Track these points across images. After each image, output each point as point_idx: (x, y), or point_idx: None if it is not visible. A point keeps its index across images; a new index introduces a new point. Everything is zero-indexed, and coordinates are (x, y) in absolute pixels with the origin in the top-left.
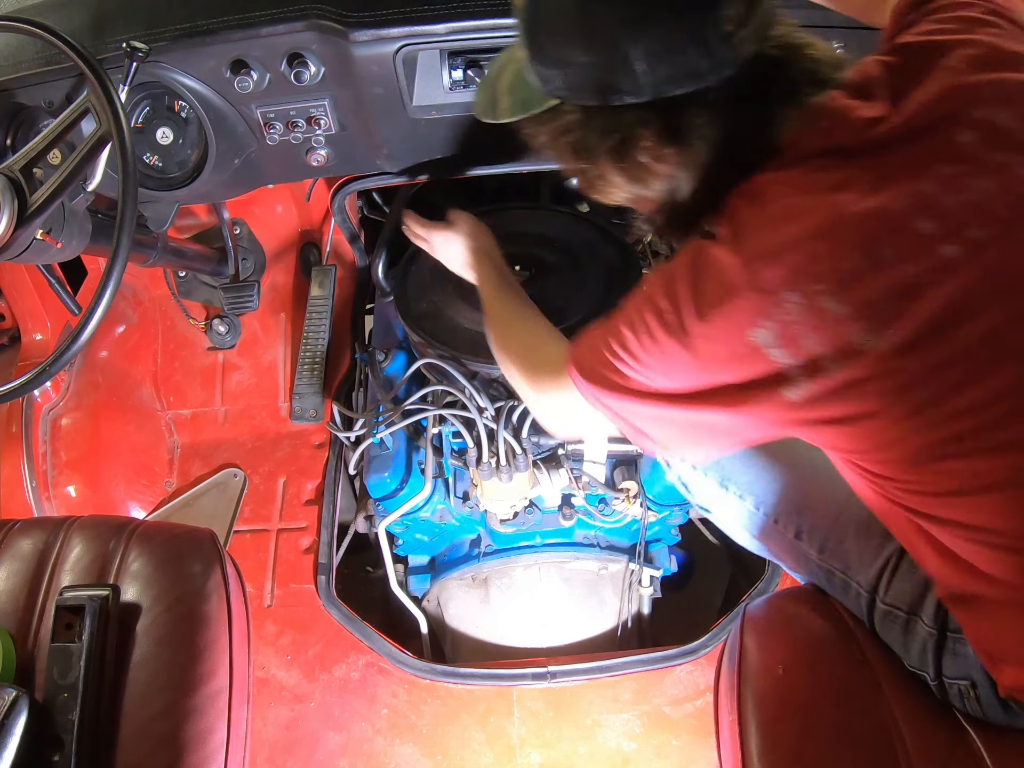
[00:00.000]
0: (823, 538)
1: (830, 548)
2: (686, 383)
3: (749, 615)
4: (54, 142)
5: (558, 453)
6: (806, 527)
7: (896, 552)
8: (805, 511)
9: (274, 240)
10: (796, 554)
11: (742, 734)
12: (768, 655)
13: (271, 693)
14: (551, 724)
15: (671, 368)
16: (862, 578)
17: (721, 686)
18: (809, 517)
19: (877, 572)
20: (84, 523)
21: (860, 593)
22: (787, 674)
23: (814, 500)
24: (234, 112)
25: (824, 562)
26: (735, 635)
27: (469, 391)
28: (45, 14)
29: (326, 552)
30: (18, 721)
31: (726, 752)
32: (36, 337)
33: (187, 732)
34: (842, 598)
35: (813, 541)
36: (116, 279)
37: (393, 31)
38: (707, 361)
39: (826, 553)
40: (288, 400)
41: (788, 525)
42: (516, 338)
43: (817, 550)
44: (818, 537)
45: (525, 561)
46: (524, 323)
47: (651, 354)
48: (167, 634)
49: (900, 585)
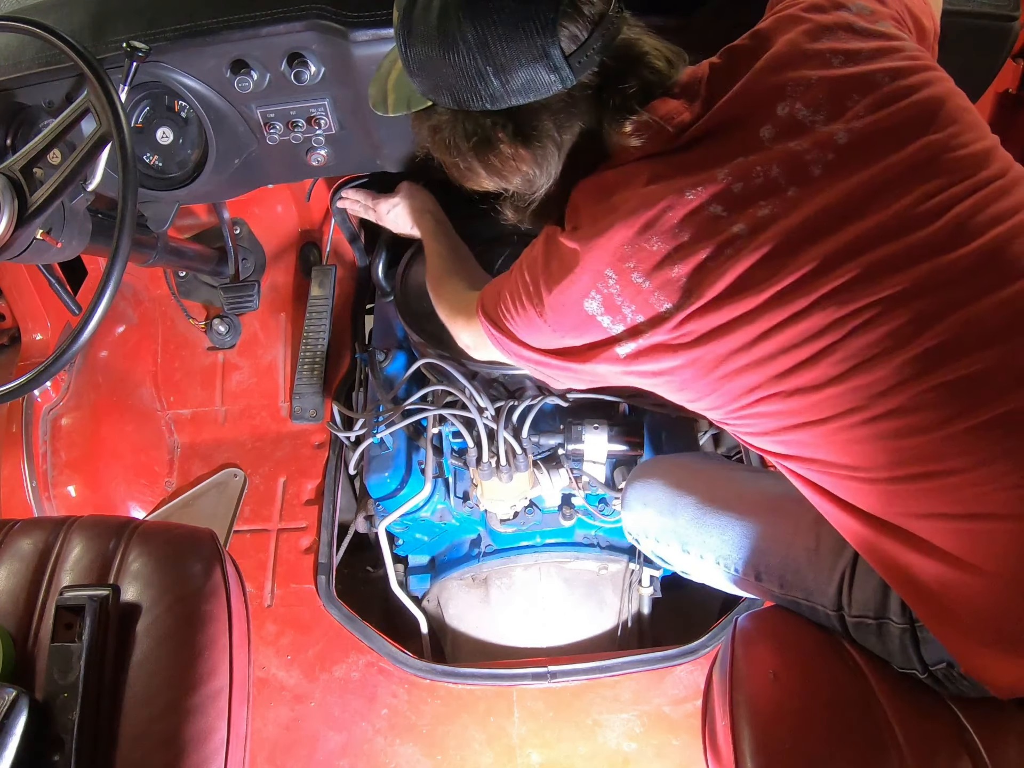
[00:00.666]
0: (780, 574)
1: (788, 581)
2: (547, 344)
3: (740, 625)
4: (54, 142)
5: (558, 453)
6: (763, 568)
7: (848, 565)
8: (757, 554)
9: (274, 240)
10: (764, 593)
11: (735, 737)
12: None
13: (271, 693)
14: (551, 724)
15: (534, 331)
16: (825, 600)
17: (713, 691)
18: (763, 558)
19: (836, 590)
20: (84, 523)
21: (828, 614)
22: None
23: (763, 542)
24: (234, 112)
25: (787, 595)
26: (726, 644)
27: (469, 391)
28: (45, 14)
29: (326, 552)
30: (18, 721)
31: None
32: (36, 337)
33: (187, 732)
34: (818, 621)
35: (772, 579)
36: (116, 279)
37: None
38: (557, 328)
39: (786, 587)
40: (288, 400)
41: (747, 571)
42: (448, 281)
43: (778, 586)
44: (776, 574)
45: (525, 561)
46: (454, 266)
47: (521, 316)
48: (167, 634)
49: (860, 595)
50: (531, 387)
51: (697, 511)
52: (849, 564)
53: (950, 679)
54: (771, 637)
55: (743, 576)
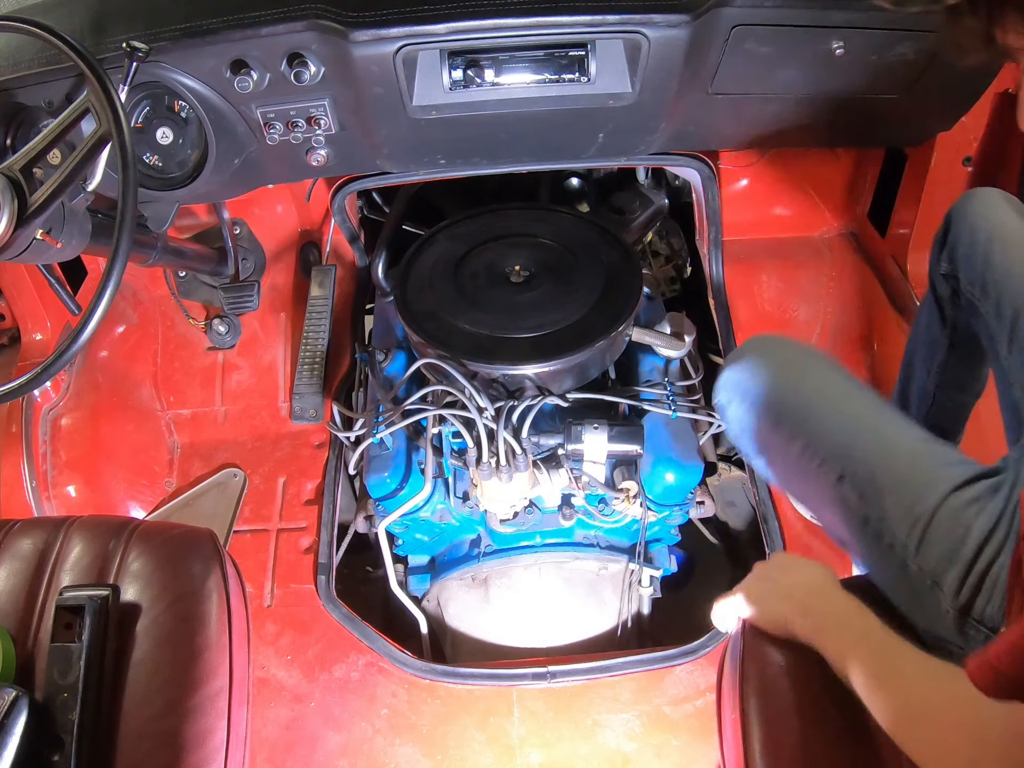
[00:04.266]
0: (863, 486)
1: (869, 496)
2: None
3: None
4: (54, 142)
5: (558, 453)
6: (849, 472)
7: (927, 516)
8: (848, 458)
9: (274, 240)
10: (835, 498)
11: (744, 731)
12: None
13: (271, 693)
14: (551, 724)
15: None
16: (897, 529)
17: (724, 683)
18: (851, 464)
19: (908, 528)
20: (84, 523)
21: (892, 544)
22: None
23: (858, 449)
24: (234, 112)
25: (863, 508)
26: (737, 636)
27: (469, 391)
28: (45, 14)
29: (326, 552)
30: (18, 721)
31: (728, 750)
32: (36, 337)
33: (187, 732)
34: (868, 552)
35: (855, 487)
36: (116, 279)
37: (393, 31)
38: None
39: (866, 500)
40: (288, 400)
41: (831, 469)
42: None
43: (857, 496)
44: (859, 484)
45: (525, 561)
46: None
47: None
48: (167, 634)
49: (928, 549)
50: (531, 387)
51: (813, 394)
52: (928, 514)
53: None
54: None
55: (824, 471)
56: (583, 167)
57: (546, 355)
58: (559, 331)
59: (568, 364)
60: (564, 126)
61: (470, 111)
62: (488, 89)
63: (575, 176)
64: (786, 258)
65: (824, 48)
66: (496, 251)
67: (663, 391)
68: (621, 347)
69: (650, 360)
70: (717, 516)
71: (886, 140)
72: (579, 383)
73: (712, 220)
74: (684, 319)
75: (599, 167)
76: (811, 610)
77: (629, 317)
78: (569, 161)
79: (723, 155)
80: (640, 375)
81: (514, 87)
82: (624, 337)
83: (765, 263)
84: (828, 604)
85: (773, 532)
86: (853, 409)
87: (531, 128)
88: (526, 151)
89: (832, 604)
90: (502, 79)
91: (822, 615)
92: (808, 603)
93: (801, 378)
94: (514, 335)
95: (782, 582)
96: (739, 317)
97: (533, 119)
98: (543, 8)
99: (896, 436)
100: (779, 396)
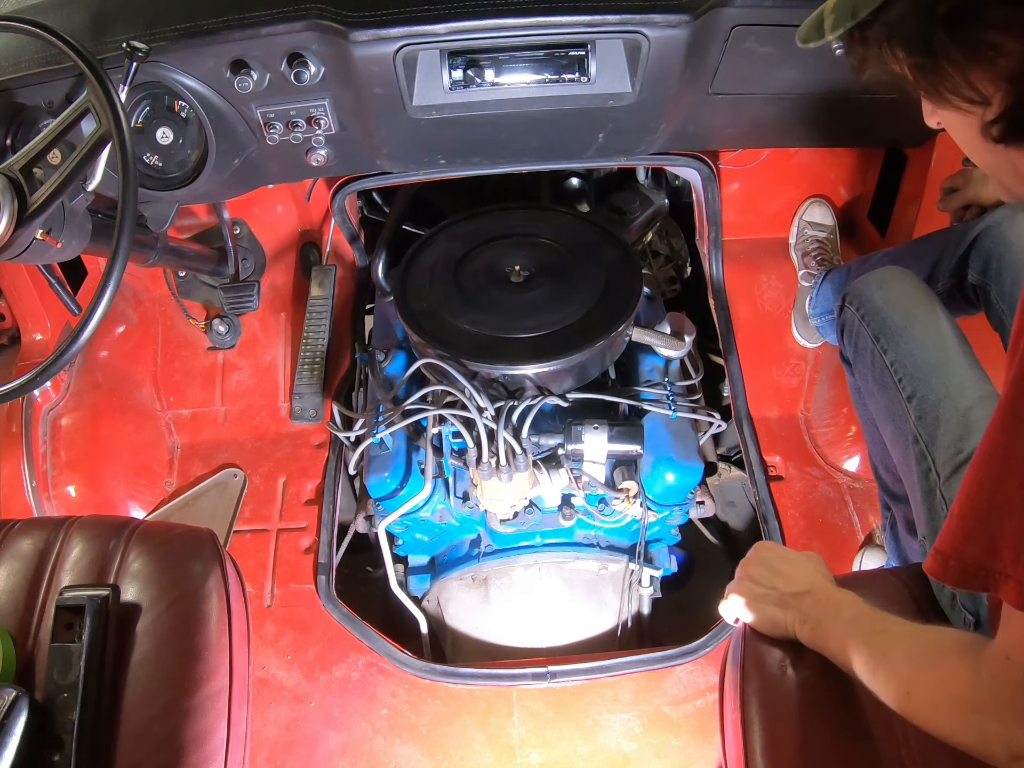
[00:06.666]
0: (927, 409)
1: (928, 420)
2: None
3: None
4: (54, 142)
5: (558, 453)
6: (919, 395)
7: (966, 455)
8: (925, 383)
9: (274, 240)
10: (900, 412)
11: (745, 731)
12: (771, 653)
13: (271, 693)
14: (551, 724)
15: None
16: (938, 456)
17: (725, 683)
18: (924, 388)
19: (947, 459)
20: (84, 523)
21: (930, 469)
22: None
23: (935, 380)
24: (234, 112)
25: (919, 427)
26: (738, 635)
27: (469, 391)
28: (45, 14)
29: (326, 552)
30: (18, 721)
31: (730, 749)
32: (36, 337)
33: (187, 732)
34: (908, 469)
35: (919, 408)
36: (116, 279)
37: (393, 31)
38: None
39: (924, 422)
40: (288, 400)
41: (907, 386)
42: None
43: (918, 416)
44: (924, 407)
45: (525, 561)
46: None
47: None
48: (167, 634)
49: (956, 483)
50: (531, 387)
51: (918, 324)
52: (968, 455)
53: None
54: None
55: (901, 386)
56: (583, 167)
57: (546, 355)
58: (559, 331)
59: (568, 364)
60: (564, 126)
61: (470, 111)
62: (488, 89)
63: (575, 176)
64: (786, 258)
65: (824, 48)
66: (496, 251)
67: (663, 391)
68: (621, 347)
69: (650, 360)
70: (717, 516)
71: (886, 140)
72: (579, 383)
73: (712, 220)
74: (684, 319)
75: (599, 167)
76: (809, 616)
77: (629, 317)
78: (569, 161)
79: (723, 155)
80: (640, 375)
81: (514, 87)
82: (624, 337)
83: (765, 263)
84: (822, 604)
85: (773, 532)
86: (944, 348)
87: (531, 128)
88: (526, 151)
89: (825, 600)
90: (502, 79)
91: (818, 619)
92: (805, 609)
93: (914, 307)
94: (514, 335)
95: (777, 586)
96: (739, 317)
97: (533, 119)
98: (543, 8)
99: (966, 383)
100: (890, 314)
